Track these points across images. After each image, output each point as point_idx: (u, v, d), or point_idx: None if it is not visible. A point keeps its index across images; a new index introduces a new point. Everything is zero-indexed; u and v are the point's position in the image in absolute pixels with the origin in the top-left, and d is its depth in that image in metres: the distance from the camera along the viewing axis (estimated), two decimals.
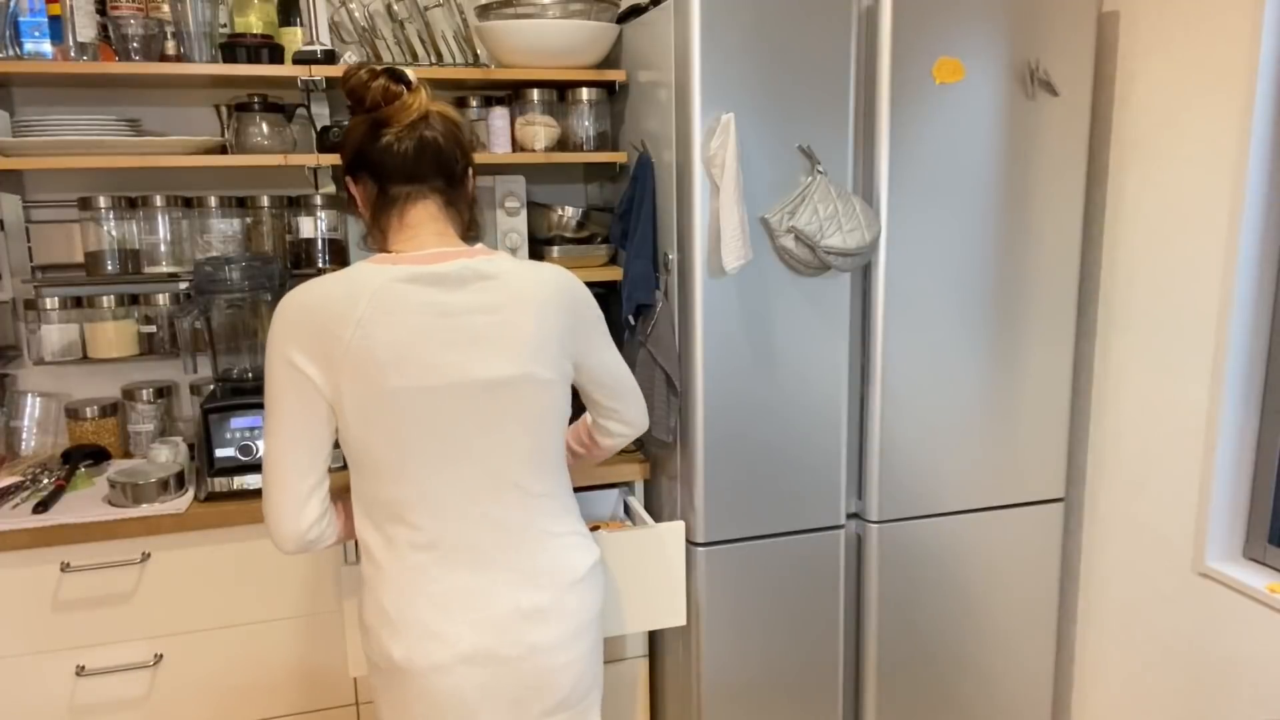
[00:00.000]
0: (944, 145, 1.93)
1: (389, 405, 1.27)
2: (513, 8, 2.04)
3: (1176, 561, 2.01)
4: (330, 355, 1.25)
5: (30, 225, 2.16)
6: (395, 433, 1.28)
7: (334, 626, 1.99)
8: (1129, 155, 2.06)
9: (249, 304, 2.07)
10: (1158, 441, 2.04)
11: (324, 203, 2.22)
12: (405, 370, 1.26)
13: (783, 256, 1.88)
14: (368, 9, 2.20)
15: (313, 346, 1.25)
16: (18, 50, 1.91)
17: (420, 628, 1.30)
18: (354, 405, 1.27)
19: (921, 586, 2.11)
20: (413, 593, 1.31)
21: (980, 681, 2.22)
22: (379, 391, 1.26)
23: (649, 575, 1.86)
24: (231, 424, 1.96)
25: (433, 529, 1.32)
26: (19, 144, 1.89)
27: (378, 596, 1.33)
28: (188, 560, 1.88)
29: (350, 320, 1.24)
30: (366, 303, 1.25)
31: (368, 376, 1.26)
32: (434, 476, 1.31)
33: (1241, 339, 1.85)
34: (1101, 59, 2.09)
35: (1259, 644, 1.84)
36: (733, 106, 1.79)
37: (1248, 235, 1.81)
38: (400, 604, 1.31)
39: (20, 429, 2.19)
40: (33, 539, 1.78)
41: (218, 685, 1.95)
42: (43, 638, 1.83)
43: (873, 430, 2.02)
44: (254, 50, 2.00)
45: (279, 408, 1.27)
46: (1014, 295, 2.05)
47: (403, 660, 1.31)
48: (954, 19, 1.89)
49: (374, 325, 1.25)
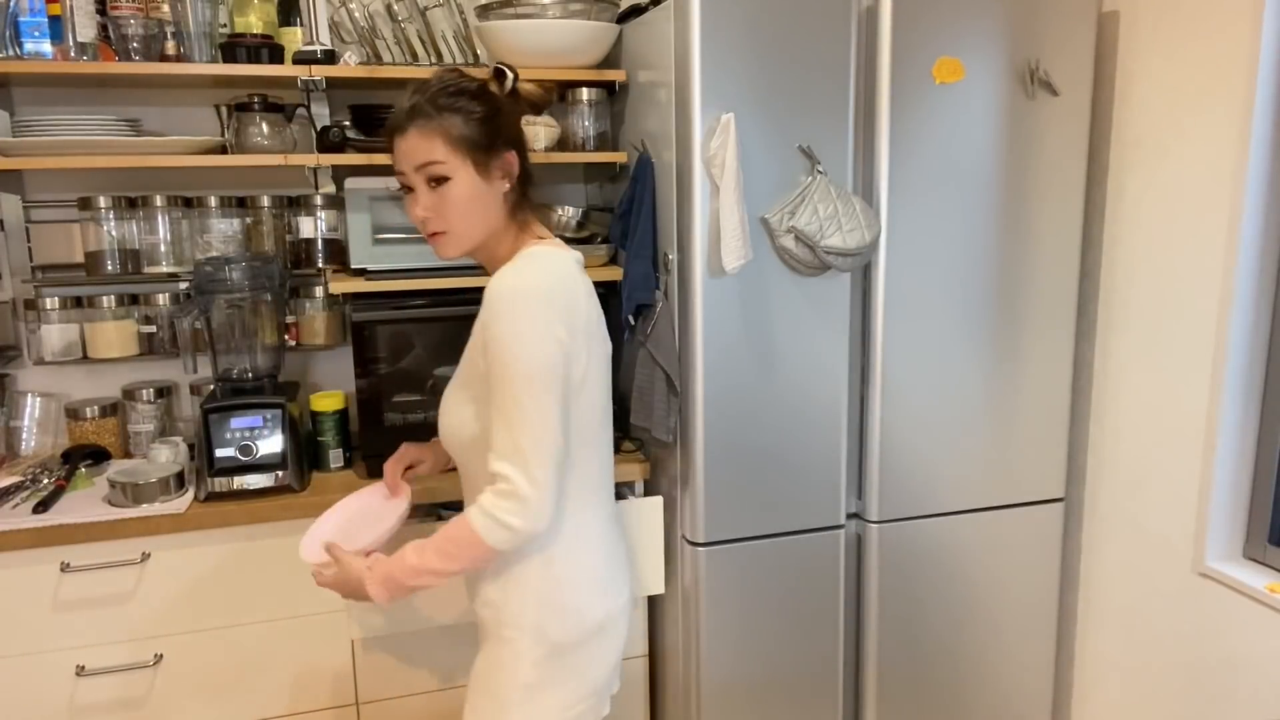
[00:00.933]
0: (944, 145, 1.93)
1: (603, 372, 1.44)
2: (513, 8, 2.04)
3: (1176, 561, 2.01)
4: (576, 326, 1.35)
5: (30, 225, 2.16)
6: (603, 399, 1.45)
7: (334, 626, 1.99)
8: (1129, 155, 2.06)
9: (249, 304, 2.07)
10: (1158, 441, 2.04)
11: (324, 203, 2.22)
12: (601, 339, 1.44)
13: (783, 256, 1.88)
14: (368, 9, 2.20)
15: (571, 320, 1.34)
16: (18, 50, 1.91)
17: (621, 581, 1.50)
18: (593, 372, 1.40)
19: (921, 586, 2.11)
20: (611, 550, 1.49)
21: (980, 681, 2.22)
22: (600, 357, 1.42)
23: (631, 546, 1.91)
24: (231, 424, 1.96)
25: (609, 490, 1.52)
26: (19, 144, 1.89)
27: (592, 564, 1.45)
28: (188, 560, 1.88)
29: (582, 291, 1.39)
30: (579, 272, 1.41)
31: (595, 341, 1.41)
32: (609, 443, 1.50)
33: (1241, 339, 1.85)
34: (1101, 59, 2.09)
35: (1259, 644, 1.84)
36: (733, 106, 1.79)
37: (1248, 235, 1.81)
38: (610, 564, 1.48)
39: (20, 429, 2.19)
40: (33, 539, 1.78)
41: (218, 685, 1.95)
42: (43, 638, 1.83)
43: (873, 430, 2.02)
44: (254, 50, 2.00)
45: (554, 383, 1.32)
46: (1014, 295, 2.05)
47: (607, 616, 1.46)
48: (954, 19, 1.89)
49: (587, 292, 1.41)
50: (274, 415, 1.98)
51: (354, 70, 2.02)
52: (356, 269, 2.05)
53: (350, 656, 2.01)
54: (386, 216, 2.05)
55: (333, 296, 2.28)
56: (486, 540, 1.31)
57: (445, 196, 1.36)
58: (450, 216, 1.37)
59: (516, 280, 1.32)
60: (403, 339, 2.07)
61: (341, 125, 2.06)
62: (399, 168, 1.39)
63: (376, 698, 2.04)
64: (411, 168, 1.36)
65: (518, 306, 1.30)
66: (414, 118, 1.35)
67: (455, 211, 1.37)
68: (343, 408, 2.12)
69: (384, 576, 1.38)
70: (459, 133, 1.34)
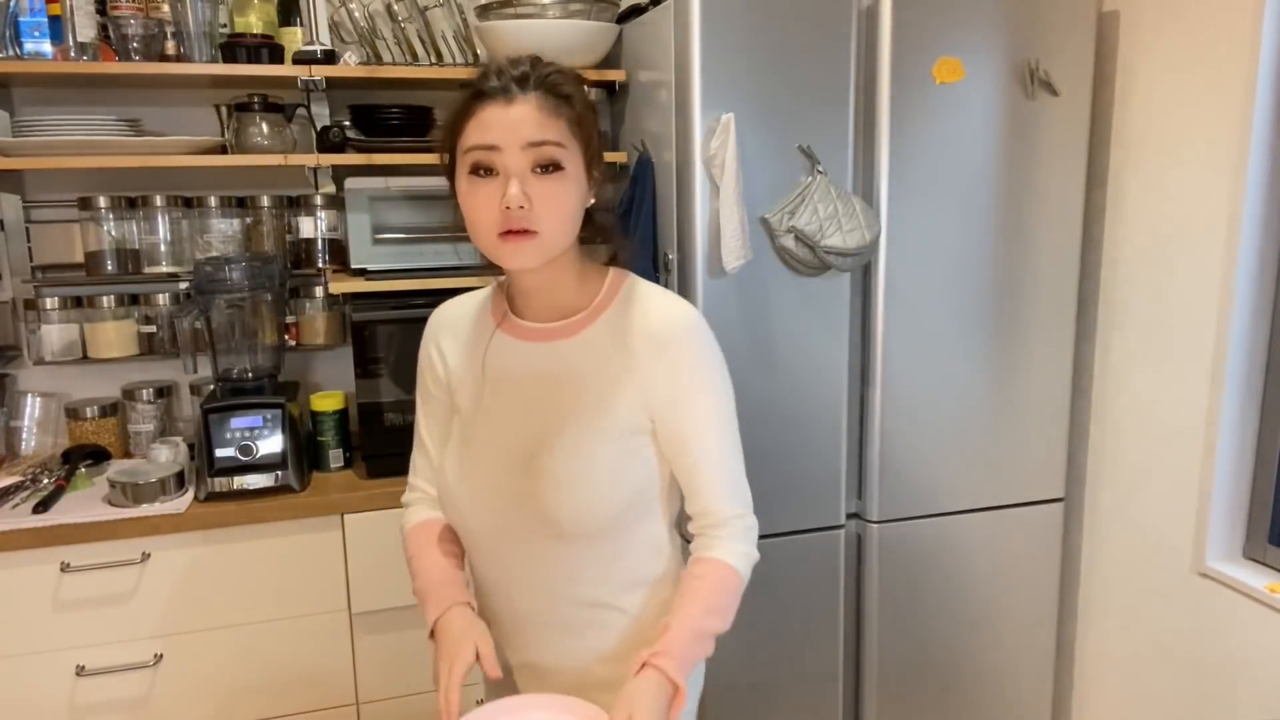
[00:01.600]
0: (944, 145, 1.93)
1: None
2: (513, 8, 2.04)
3: (1176, 561, 2.01)
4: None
5: (30, 225, 2.16)
6: None
7: (334, 626, 1.99)
8: (1129, 155, 2.06)
9: (249, 304, 2.07)
10: (1158, 441, 2.04)
11: (324, 203, 2.22)
12: None
13: (783, 256, 1.88)
14: (368, 9, 2.20)
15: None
16: (18, 50, 1.91)
17: None
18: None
19: (921, 586, 2.11)
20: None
21: (980, 681, 2.22)
22: None
23: None
24: (231, 424, 1.96)
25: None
26: (19, 144, 1.89)
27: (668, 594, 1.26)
28: (188, 560, 1.88)
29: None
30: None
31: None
32: None
33: (1241, 339, 1.85)
34: (1101, 59, 2.09)
35: (1259, 644, 1.84)
36: (733, 106, 1.79)
37: (1248, 235, 1.81)
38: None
39: (20, 429, 2.19)
40: (33, 539, 1.78)
41: (218, 685, 1.95)
42: (43, 638, 1.83)
43: (873, 430, 2.01)
44: (254, 50, 2.00)
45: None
46: (1014, 295, 2.05)
47: None
48: (954, 19, 1.89)
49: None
50: (274, 415, 1.98)
51: (354, 70, 2.02)
52: (356, 269, 2.05)
53: (350, 656, 2.01)
54: (386, 216, 2.05)
55: (333, 296, 2.28)
56: (746, 580, 1.21)
57: (553, 189, 1.08)
58: (549, 215, 1.09)
59: (689, 310, 1.18)
60: (403, 339, 2.06)
61: (341, 125, 2.06)
62: (490, 139, 1.07)
63: (376, 698, 2.04)
64: (519, 142, 1.07)
65: (709, 337, 1.18)
66: (536, 85, 1.09)
67: (559, 210, 1.09)
68: (343, 408, 2.12)
69: (678, 672, 1.10)
70: (580, 122, 1.12)
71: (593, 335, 1.18)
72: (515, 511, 1.18)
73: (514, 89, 1.08)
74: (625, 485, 1.17)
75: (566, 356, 1.19)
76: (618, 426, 1.16)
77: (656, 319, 1.16)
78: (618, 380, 1.16)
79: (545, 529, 1.17)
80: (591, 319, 1.19)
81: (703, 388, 1.17)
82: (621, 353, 1.16)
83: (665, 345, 1.15)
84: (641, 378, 1.16)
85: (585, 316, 1.19)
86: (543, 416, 1.18)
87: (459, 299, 1.32)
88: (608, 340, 1.18)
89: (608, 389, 1.16)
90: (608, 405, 1.16)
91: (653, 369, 1.16)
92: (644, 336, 1.16)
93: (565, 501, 1.15)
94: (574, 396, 1.17)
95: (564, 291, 1.19)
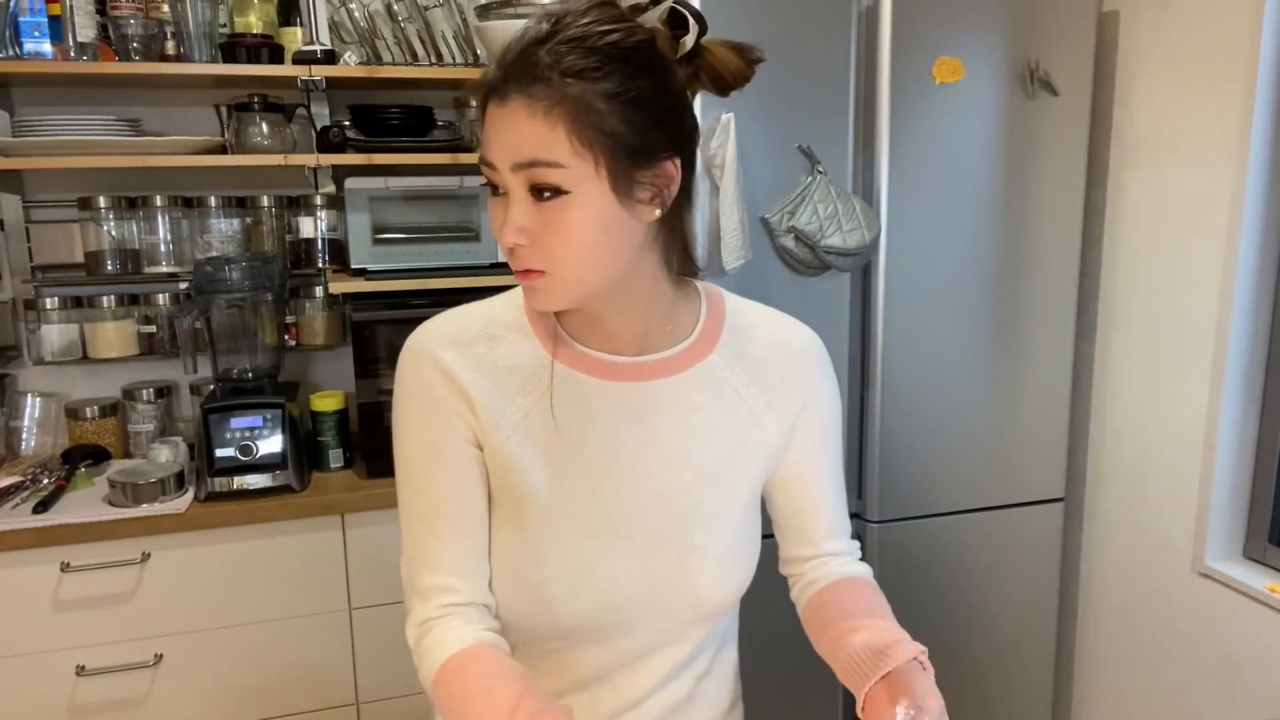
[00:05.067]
0: (944, 145, 1.93)
1: None
2: (513, 8, 2.04)
3: (1176, 561, 2.01)
4: None
5: (30, 225, 2.16)
6: None
7: (334, 626, 1.99)
8: (1129, 155, 2.06)
9: (249, 304, 2.07)
10: (1158, 441, 2.04)
11: (324, 203, 2.23)
12: None
13: (783, 256, 1.88)
14: (368, 9, 2.20)
15: None
16: (18, 50, 1.91)
17: None
18: None
19: (921, 586, 2.11)
20: None
21: (980, 681, 2.22)
22: None
23: None
24: (231, 424, 1.96)
25: None
26: (19, 144, 1.89)
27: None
28: (188, 560, 1.88)
29: None
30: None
31: None
32: None
33: (1242, 338, 1.85)
34: (1101, 59, 2.09)
35: (1259, 644, 1.84)
36: (733, 106, 1.79)
37: (1248, 235, 1.81)
38: None
39: (20, 429, 2.19)
40: (33, 539, 1.78)
41: (218, 685, 1.94)
42: (43, 638, 1.83)
43: (873, 430, 2.01)
44: (254, 50, 2.00)
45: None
46: (1014, 295, 2.05)
47: None
48: (954, 19, 1.88)
49: None
50: (274, 415, 1.98)
51: (354, 70, 2.02)
52: (356, 269, 2.05)
53: (350, 656, 2.01)
54: (386, 216, 2.06)
55: (333, 296, 2.28)
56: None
57: (553, 219, 0.79)
58: (556, 249, 0.80)
59: (810, 330, 1.00)
60: (403, 339, 2.06)
61: (341, 125, 2.06)
62: (487, 155, 0.81)
63: (376, 698, 2.04)
64: (507, 162, 0.79)
65: (828, 360, 1.01)
66: (523, 76, 0.77)
67: (567, 243, 0.80)
68: (343, 408, 2.12)
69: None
70: (597, 121, 0.78)
71: (711, 369, 0.94)
72: (647, 597, 0.93)
73: (501, 84, 0.79)
74: (757, 544, 1.00)
75: (684, 396, 0.92)
76: (759, 478, 0.98)
77: (787, 345, 0.97)
78: (758, 423, 0.96)
79: (688, 611, 0.95)
80: (706, 348, 0.94)
81: (835, 418, 1.01)
82: (752, 389, 0.95)
83: (801, 375, 0.97)
84: (780, 415, 0.96)
85: (696, 345, 0.94)
86: (672, 478, 0.93)
87: (450, 316, 0.96)
88: (730, 374, 0.95)
89: (744, 436, 0.95)
90: (745, 455, 0.96)
91: (790, 404, 0.97)
92: (776, 367, 0.96)
93: (724, 578, 0.95)
94: (709, 450, 0.94)
95: (650, 313, 0.91)
